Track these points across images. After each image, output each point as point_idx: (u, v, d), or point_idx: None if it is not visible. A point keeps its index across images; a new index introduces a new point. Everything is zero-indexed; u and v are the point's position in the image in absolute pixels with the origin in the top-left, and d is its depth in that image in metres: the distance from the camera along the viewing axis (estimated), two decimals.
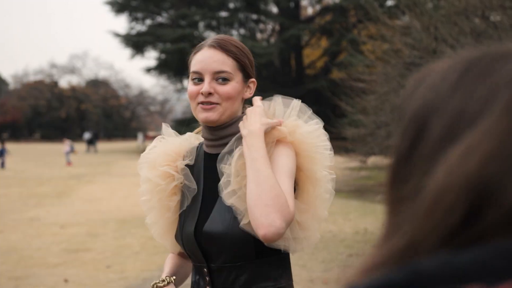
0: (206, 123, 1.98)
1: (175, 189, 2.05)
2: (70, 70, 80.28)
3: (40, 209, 12.94)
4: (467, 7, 11.03)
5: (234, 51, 1.98)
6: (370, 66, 17.06)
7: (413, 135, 0.62)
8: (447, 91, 0.61)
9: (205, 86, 1.92)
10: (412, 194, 0.60)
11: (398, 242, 0.59)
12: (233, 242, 1.83)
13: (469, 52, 0.64)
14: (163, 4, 40.16)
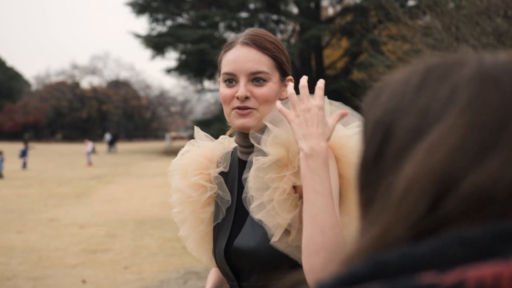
0: (242, 130, 1.78)
1: (208, 199, 1.89)
2: (92, 71, 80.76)
3: (60, 209, 13.01)
4: (489, 6, 10.89)
5: (270, 48, 1.78)
6: (391, 66, 16.93)
7: (379, 140, 0.66)
8: (411, 94, 0.65)
9: (241, 90, 1.73)
10: (382, 194, 0.63)
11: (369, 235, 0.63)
12: (265, 259, 1.65)
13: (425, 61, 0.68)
14: (183, 5, 40.27)
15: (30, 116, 74.05)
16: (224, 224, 1.84)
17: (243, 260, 1.72)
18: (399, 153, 0.63)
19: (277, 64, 1.80)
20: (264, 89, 1.75)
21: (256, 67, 1.74)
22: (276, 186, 1.61)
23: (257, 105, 1.75)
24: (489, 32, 10.79)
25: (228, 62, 1.79)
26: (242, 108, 1.74)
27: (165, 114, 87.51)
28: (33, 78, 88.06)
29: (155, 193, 16.13)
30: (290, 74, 1.87)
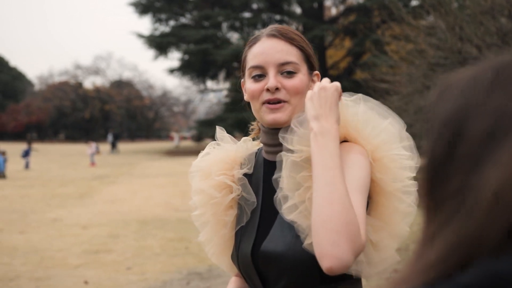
0: (274, 125, 1.69)
1: (231, 202, 1.79)
2: (95, 71, 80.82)
3: (63, 209, 12.99)
4: (493, 6, 10.85)
5: (297, 40, 1.73)
6: (394, 66, 16.89)
7: (449, 138, 0.64)
8: (482, 94, 0.63)
9: (271, 81, 1.65)
10: (455, 194, 0.62)
11: (450, 239, 0.61)
12: (294, 264, 1.56)
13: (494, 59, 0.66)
14: (186, 5, 40.26)
15: (33, 116, 74.13)
16: (248, 227, 1.75)
17: (270, 265, 1.62)
18: (474, 153, 0.61)
19: (305, 56, 1.75)
20: (295, 81, 1.68)
21: (285, 57, 1.68)
22: (309, 185, 1.53)
23: (288, 97, 1.68)
24: (493, 32, 10.74)
25: (255, 55, 1.72)
26: (273, 101, 1.67)
27: (168, 114, 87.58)
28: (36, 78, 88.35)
29: (158, 193, 16.11)
30: (317, 69, 1.81)
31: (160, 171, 24.52)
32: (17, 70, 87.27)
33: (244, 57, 1.80)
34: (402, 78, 14.39)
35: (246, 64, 1.77)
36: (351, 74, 34.34)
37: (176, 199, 14.53)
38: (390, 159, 1.58)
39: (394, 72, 16.08)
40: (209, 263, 7.62)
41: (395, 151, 1.58)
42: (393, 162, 1.58)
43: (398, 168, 1.58)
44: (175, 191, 16.39)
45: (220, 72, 43.25)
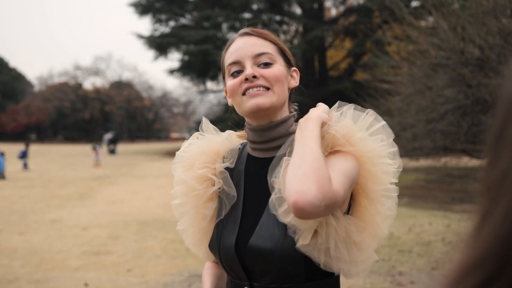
0: (258, 111, 1.68)
1: (212, 195, 1.82)
2: (94, 72, 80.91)
3: (62, 210, 12.92)
4: (495, 6, 10.79)
5: (270, 36, 1.78)
6: (395, 67, 16.84)
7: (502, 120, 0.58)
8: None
9: (248, 69, 1.68)
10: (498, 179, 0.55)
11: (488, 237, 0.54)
12: (281, 261, 1.58)
13: None
14: (186, 5, 40.23)
15: (33, 117, 74.18)
16: (229, 220, 1.75)
17: (257, 260, 1.63)
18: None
19: (280, 50, 1.78)
20: (273, 69, 1.71)
21: (259, 49, 1.72)
22: None
23: (268, 84, 1.69)
24: (496, 32, 10.68)
25: (231, 53, 1.76)
26: (253, 88, 1.68)
27: (168, 115, 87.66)
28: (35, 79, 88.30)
29: (158, 194, 16.04)
30: (294, 66, 1.84)
31: (160, 171, 24.46)
32: (16, 71, 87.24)
33: (222, 60, 1.83)
34: (403, 78, 14.33)
35: (225, 65, 1.80)
36: (352, 75, 34.29)
37: None
38: (373, 164, 1.60)
39: (395, 72, 16.02)
40: None
41: (383, 159, 1.61)
42: (376, 166, 1.61)
43: (381, 172, 1.61)
44: None
45: (220, 73, 43.03)
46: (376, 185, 1.62)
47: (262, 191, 1.70)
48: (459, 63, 11.50)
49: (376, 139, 1.63)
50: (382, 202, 1.64)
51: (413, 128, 13.53)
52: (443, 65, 12.14)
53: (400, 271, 7.07)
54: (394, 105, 14.21)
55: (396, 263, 7.43)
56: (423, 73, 13.20)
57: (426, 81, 12.94)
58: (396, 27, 18.40)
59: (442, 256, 7.84)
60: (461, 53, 11.28)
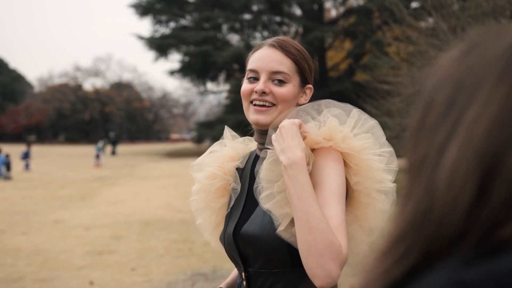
0: (256, 125, 1.88)
1: (222, 191, 2.01)
2: (94, 73, 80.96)
3: (65, 211, 12.98)
4: (494, 7, 10.86)
5: (294, 53, 1.87)
6: (395, 68, 16.90)
7: (422, 111, 0.67)
8: (450, 68, 0.66)
9: (260, 85, 1.82)
10: (418, 163, 0.64)
11: (408, 216, 0.62)
12: (268, 246, 1.73)
13: (476, 34, 0.68)
14: (186, 7, 40.28)
15: (33, 118, 74.20)
16: (234, 212, 1.94)
17: (249, 246, 1.79)
18: (435, 123, 0.64)
19: (299, 69, 1.89)
20: (283, 89, 1.84)
21: (277, 67, 1.84)
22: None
23: (276, 102, 1.84)
24: None
25: (254, 60, 1.89)
26: (259, 102, 1.84)
27: (168, 116, 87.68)
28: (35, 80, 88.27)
29: (160, 194, 16.11)
30: (311, 83, 1.95)
31: (161, 172, 24.53)
32: (16, 72, 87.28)
33: (247, 60, 1.97)
34: (403, 79, 14.39)
35: (247, 66, 1.95)
36: (352, 76, 34.34)
37: (178, 201, 14.53)
38: (360, 160, 1.72)
39: (395, 73, 16.08)
40: (213, 264, 7.63)
41: (369, 155, 1.73)
42: (372, 164, 1.72)
43: (375, 169, 1.73)
44: (177, 193, 16.40)
45: (220, 74, 43.25)
46: (364, 181, 1.73)
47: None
48: None
49: (362, 137, 1.75)
50: (373, 196, 1.74)
51: None
52: None
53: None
54: (394, 106, 14.27)
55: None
56: (423, 74, 13.27)
57: None
58: (396, 28, 18.47)
59: None
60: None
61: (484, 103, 0.59)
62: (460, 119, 0.61)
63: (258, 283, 1.80)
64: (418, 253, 0.60)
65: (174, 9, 39.51)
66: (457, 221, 0.58)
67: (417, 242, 0.60)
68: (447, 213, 0.58)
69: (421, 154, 0.64)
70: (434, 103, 0.65)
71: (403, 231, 0.62)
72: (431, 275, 0.57)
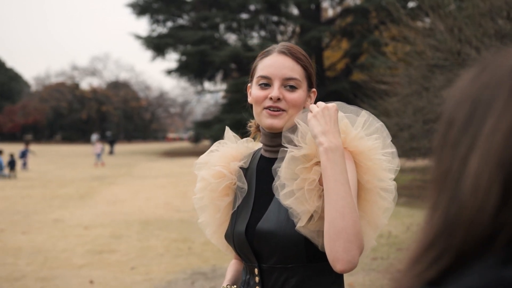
0: (271, 129, 1.94)
1: (227, 190, 2.06)
2: (91, 72, 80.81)
3: (64, 210, 13.04)
4: (491, 8, 10.91)
5: (303, 59, 1.96)
6: (392, 67, 16.96)
7: (444, 129, 0.73)
8: (466, 88, 0.72)
9: (275, 91, 1.88)
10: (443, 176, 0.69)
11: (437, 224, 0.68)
12: (284, 242, 1.79)
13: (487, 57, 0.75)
14: (184, 6, 40.28)
15: (30, 117, 74.00)
16: (242, 210, 1.99)
17: (264, 242, 1.84)
18: (456, 138, 0.69)
19: (307, 74, 1.98)
20: (295, 95, 1.91)
21: (290, 73, 1.91)
22: (306, 177, 1.77)
23: (287, 107, 1.90)
24: (492, 33, 10.80)
25: (265, 66, 1.95)
26: (274, 108, 1.89)
27: (165, 116, 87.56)
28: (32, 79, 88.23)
29: (159, 194, 16.17)
30: (315, 87, 2.04)
31: (159, 172, 24.57)
32: (13, 71, 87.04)
33: (255, 66, 2.03)
34: (401, 79, 14.45)
35: (256, 72, 2.00)
36: (349, 75, 34.41)
37: (177, 200, 14.60)
38: (369, 160, 1.81)
39: (392, 73, 16.13)
40: (213, 263, 7.69)
41: (378, 155, 1.82)
42: (376, 164, 1.81)
43: (380, 169, 1.82)
44: (176, 192, 16.46)
45: (218, 73, 43.25)
46: (373, 179, 1.82)
47: (271, 186, 1.90)
48: (455, 64, 11.64)
49: (371, 137, 1.85)
50: (380, 195, 1.83)
51: (410, 128, 13.66)
52: (440, 66, 12.28)
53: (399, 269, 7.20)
54: (392, 106, 14.33)
55: (395, 261, 7.57)
56: (420, 74, 13.34)
57: (423, 82, 13.08)
58: (393, 28, 18.53)
59: None
60: (458, 54, 11.41)
61: (500, 115, 0.65)
62: (479, 132, 0.66)
63: (272, 279, 1.86)
64: (451, 256, 0.65)
65: (172, 9, 39.52)
66: (486, 223, 0.64)
67: (449, 246, 0.66)
68: (476, 217, 0.64)
69: (445, 167, 0.69)
70: (454, 120, 0.71)
71: (433, 237, 0.67)
72: (470, 274, 0.63)
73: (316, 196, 1.76)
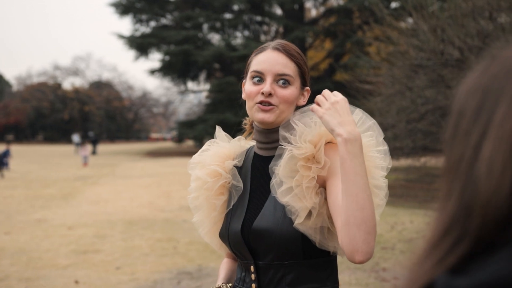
0: (262, 124, 1.95)
1: (222, 188, 2.07)
2: (74, 72, 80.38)
3: (47, 210, 12.95)
4: (474, 8, 11.00)
5: (296, 57, 1.97)
6: (376, 67, 17.03)
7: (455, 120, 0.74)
8: (476, 79, 0.73)
9: (267, 86, 1.90)
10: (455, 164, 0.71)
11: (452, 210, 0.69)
12: (281, 239, 1.81)
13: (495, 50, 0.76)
14: (167, 6, 40.20)
15: (11, 117, 73.43)
16: (238, 209, 2.00)
17: (261, 240, 1.86)
18: (467, 128, 0.71)
19: (300, 72, 1.99)
20: (287, 91, 1.93)
21: (283, 70, 1.93)
22: (305, 174, 1.79)
23: (278, 103, 1.91)
24: (474, 34, 10.88)
25: (259, 62, 1.97)
26: (265, 103, 1.90)
27: (148, 116, 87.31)
28: (14, 79, 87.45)
29: (143, 193, 16.11)
30: (308, 85, 2.06)
31: (143, 172, 24.49)
32: None
33: (249, 62, 2.04)
34: (384, 79, 14.52)
35: (250, 68, 2.02)
36: (332, 75, 34.53)
37: (160, 200, 14.56)
38: (368, 159, 1.80)
39: (375, 73, 16.20)
40: (199, 263, 7.68)
41: (372, 153, 1.85)
42: (369, 161, 1.81)
43: (373, 167, 1.83)
44: (159, 192, 16.41)
45: (201, 73, 43.24)
46: (369, 179, 1.79)
47: (266, 184, 1.93)
48: (439, 64, 11.72)
49: (366, 135, 1.86)
50: (374, 192, 1.83)
51: (394, 128, 13.74)
52: (423, 66, 12.35)
53: (384, 267, 7.26)
54: (375, 106, 14.38)
55: (380, 260, 7.62)
56: (404, 74, 13.41)
57: (407, 81, 13.14)
58: (376, 28, 18.62)
59: None
60: (441, 54, 11.49)
61: (510, 103, 0.67)
62: (490, 119, 0.68)
63: (268, 275, 1.88)
64: (470, 241, 0.66)
65: (155, 8, 39.41)
66: (502, 204, 0.65)
67: (467, 230, 0.66)
68: (492, 199, 0.65)
69: (457, 156, 0.70)
70: (465, 111, 0.72)
71: (450, 223, 0.68)
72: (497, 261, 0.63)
73: (314, 193, 1.77)
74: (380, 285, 6.47)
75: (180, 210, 12.69)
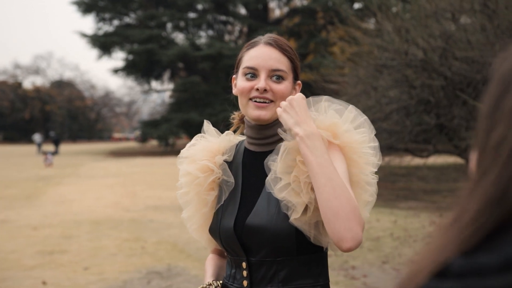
0: (258, 121, 1.94)
1: (212, 184, 2.03)
2: (34, 70, 79.25)
3: (10, 211, 12.74)
4: (437, 10, 11.16)
5: (289, 51, 1.97)
6: (340, 67, 17.16)
7: (498, 94, 0.69)
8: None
9: (262, 82, 1.89)
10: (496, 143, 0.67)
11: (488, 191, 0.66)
12: (275, 236, 1.79)
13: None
14: (131, 4, 39.90)
15: None
16: (229, 205, 1.97)
17: (254, 237, 1.84)
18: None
19: (293, 66, 1.98)
20: (281, 86, 1.92)
21: (277, 65, 1.92)
22: (302, 169, 1.77)
23: (274, 98, 1.91)
24: (437, 35, 11.04)
25: (251, 57, 1.95)
26: (261, 100, 1.90)
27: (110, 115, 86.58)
28: None
29: (108, 193, 15.97)
30: (299, 79, 2.04)
31: (107, 172, 24.26)
32: None
33: (241, 57, 2.01)
34: (349, 79, 14.65)
35: (241, 63, 1.99)
36: None
37: (126, 200, 14.45)
38: (356, 154, 1.83)
39: (340, 73, 16.33)
40: (168, 262, 7.66)
41: (365, 149, 1.85)
42: (358, 155, 1.84)
43: (364, 163, 1.84)
44: (124, 192, 16.28)
45: (165, 73, 43.04)
46: (359, 173, 1.84)
47: (258, 180, 1.93)
48: (403, 64, 11.86)
49: (359, 131, 1.87)
50: (365, 188, 1.85)
51: None
52: (387, 66, 12.50)
53: (353, 265, 7.34)
54: None
55: (349, 258, 7.70)
56: (368, 74, 13.55)
57: (371, 81, 13.28)
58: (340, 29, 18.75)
59: (391, 250, 8.17)
60: (405, 55, 11.63)
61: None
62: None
63: (261, 272, 1.87)
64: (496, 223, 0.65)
65: (118, 7, 39.08)
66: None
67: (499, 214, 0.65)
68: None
69: (499, 136, 0.67)
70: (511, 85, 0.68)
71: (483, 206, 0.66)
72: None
73: (310, 188, 1.76)
74: (350, 283, 6.55)
75: (146, 210, 12.62)
